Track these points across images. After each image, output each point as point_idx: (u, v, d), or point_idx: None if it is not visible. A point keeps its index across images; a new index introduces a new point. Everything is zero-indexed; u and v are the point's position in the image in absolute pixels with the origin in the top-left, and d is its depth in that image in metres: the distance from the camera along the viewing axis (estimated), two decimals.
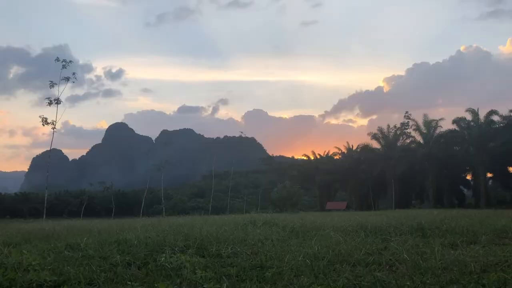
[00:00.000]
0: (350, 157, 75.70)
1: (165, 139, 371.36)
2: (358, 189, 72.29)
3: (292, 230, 12.09)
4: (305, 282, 5.68)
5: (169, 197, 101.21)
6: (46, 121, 34.74)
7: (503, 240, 9.93)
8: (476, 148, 55.03)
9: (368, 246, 8.38)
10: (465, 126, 57.71)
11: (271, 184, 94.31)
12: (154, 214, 60.31)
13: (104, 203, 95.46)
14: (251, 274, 6.36)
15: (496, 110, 56.22)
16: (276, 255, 7.63)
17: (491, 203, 51.46)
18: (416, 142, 64.57)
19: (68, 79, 34.76)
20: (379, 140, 68.03)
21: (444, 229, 11.39)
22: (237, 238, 9.90)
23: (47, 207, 37.52)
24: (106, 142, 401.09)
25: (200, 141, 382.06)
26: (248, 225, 13.69)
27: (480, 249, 8.00)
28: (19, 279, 5.79)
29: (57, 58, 35.13)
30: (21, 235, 12.52)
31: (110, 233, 11.63)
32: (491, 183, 62.62)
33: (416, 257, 7.14)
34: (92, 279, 6.00)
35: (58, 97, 34.50)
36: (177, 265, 6.71)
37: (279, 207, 64.79)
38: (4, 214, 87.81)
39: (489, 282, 5.44)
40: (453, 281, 5.70)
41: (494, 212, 23.62)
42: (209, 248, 8.50)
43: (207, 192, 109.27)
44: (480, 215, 18.39)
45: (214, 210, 65.74)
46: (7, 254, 7.67)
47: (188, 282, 5.80)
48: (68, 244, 9.37)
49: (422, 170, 59.16)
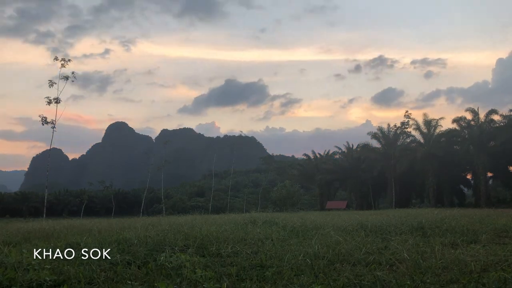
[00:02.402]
0: (350, 157, 75.69)
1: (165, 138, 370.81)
2: (358, 188, 72.25)
3: (292, 230, 12.09)
4: (305, 281, 5.67)
5: (169, 196, 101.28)
6: (45, 120, 34.71)
7: (503, 239, 9.94)
8: (477, 148, 54.97)
9: (369, 246, 8.37)
10: (465, 125, 57.67)
11: (271, 183, 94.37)
12: (154, 214, 60.29)
13: (104, 203, 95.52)
14: (251, 273, 6.36)
15: (496, 110, 56.34)
16: (276, 254, 7.62)
17: (491, 203, 51.40)
18: (416, 141, 64.57)
19: (67, 78, 34.68)
20: (379, 139, 67.98)
21: (444, 229, 11.39)
22: (237, 237, 9.90)
23: (47, 206, 37.49)
24: (106, 141, 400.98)
25: (200, 140, 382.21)
26: (248, 225, 13.68)
27: (481, 248, 7.99)
28: (19, 278, 5.78)
29: (56, 57, 34.97)
30: (21, 235, 12.52)
31: (110, 233, 11.63)
32: (492, 183, 62.56)
33: (416, 256, 7.14)
34: (92, 278, 5.99)
35: (57, 97, 34.45)
36: (177, 264, 6.71)
37: (279, 206, 64.75)
38: (4, 213, 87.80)
39: (489, 281, 5.43)
40: (454, 280, 5.70)
41: (494, 211, 23.64)
42: (209, 247, 8.50)
43: (207, 191, 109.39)
44: (480, 214, 18.40)
45: (214, 210, 65.71)
46: (7, 254, 7.66)
47: (188, 281, 5.79)
48: (68, 243, 9.37)
49: (422, 170, 59.06)
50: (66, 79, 34.70)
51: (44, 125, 34.74)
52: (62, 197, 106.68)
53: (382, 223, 12.89)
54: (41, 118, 34.69)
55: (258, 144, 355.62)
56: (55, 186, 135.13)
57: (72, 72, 35.17)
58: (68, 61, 35.09)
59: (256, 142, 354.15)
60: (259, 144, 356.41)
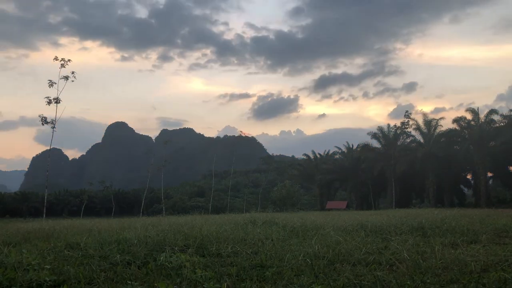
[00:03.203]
0: (350, 157, 75.70)
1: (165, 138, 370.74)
2: (358, 188, 72.27)
3: (292, 230, 12.08)
4: (305, 282, 5.67)
5: (169, 196, 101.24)
6: (45, 120, 34.67)
7: (503, 240, 9.94)
8: (477, 148, 54.97)
9: (369, 246, 8.37)
10: (465, 125, 57.67)
11: (271, 183, 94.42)
12: (154, 214, 60.28)
13: (104, 203, 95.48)
14: (251, 273, 6.36)
15: (496, 109, 56.39)
16: (276, 255, 7.62)
17: (491, 203, 51.43)
18: (416, 141, 64.59)
19: (67, 78, 34.64)
20: (379, 139, 68.00)
21: (445, 229, 11.39)
22: (237, 237, 9.90)
23: (47, 206, 37.43)
24: (106, 141, 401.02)
25: (200, 140, 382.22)
26: (248, 225, 13.67)
27: (481, 249, 7.99)
28: (19, 278, 5.77)
29: (56, 57, 34.92)
30: (21, 235, 12.51)
31: (110, 233, 11.62)
32: (492, 183, 62.57)
33: (416, 256, 7.14)
34: (92, 278, 5.99)
35: (57, 97, 34.41)
36: (177, 264, 6.70)
37: (279, 206, 64.76)
38: (3, 213, 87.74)
39: (489, 281, 5.43)
40: (454, 280, 5.70)
41: (495, 211, 23.66)
42: (209, 247, 8.50)
43: (207, 191, 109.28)
44: (481, 214, 18.41)
45: (214, 210, 65.70)
46: (7, 254, 7.65)
47: (188, 281, 5.79)
48: (68, 243, 9.38)
49: (422, 170, 59.03)
50: (66, 79, 34.68)
51: (44, 125, 34.73)
52: (62, 197, 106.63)
53: (382, 223, 12.89)
54: (41, 118, 34.68)
55: (258, 144, 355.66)
56: (55, 186, 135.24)
57: (72, 72, 35.14)
58: (68, 61, 35.07)
59: (256, 142, 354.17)
60: (259, 144, 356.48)
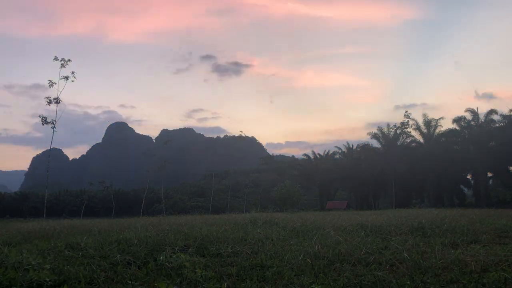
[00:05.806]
0: (350, 157, 75.75)
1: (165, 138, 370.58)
2: (358, 188, 72.29)
3: (292, 230, 12.08)
4: (305, 281, 5.67)
5: (169, 196, 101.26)
6: (45, 120, 34.70)
7: (503, 240, 9.94)
8: (477, 148, 55.01)
9: (369, 246, 8.37)
10: (465, 125, 57.71)
11: (271, 183, 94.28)
12: (154, 214, 60.22)
13: (104, 203, 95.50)
14: (252, 273, 6.36)
15: (496, 110, 56.47)
16: (276, 255, 7.62)
17: (491, 203, 51.45)
18: (416, 141, 64.64)
19: (67, 78, 34.66)
20: (379, 139, 68.06)
21: (445, 229, 11.38)
22: (237, 237, 9.91)
23: (47, 206, 37.46)
24: (106, 141, 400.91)
25: (200, 140, 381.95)
26: (248, 225, 13.68)
27: (481, 249, 7.99)
28: (19, 278, 5.77)
29: (56, 57, 34.91)
30: (21, 235, 12.52)
31: (110, 233, 11.63)
32: (492, 183, 62.61)
33: (416, 256, 7.14)
34: (92, 278, 5.99)
35: (57, 97, 34.44)
36: (177, 264, 6.70)
37: (279, 206, 64.79)
38: (4, 213, 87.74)
39: (489, 281, 5.43)
40: (454, 280, 5.70)
41: (495, 211, 23.63)
42: (210, 247, 8.50)
43: (207, 191, 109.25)
44: (481, 214, 18.40)
45: (214, 210, 65.75)
46: (7, 254, 7.65)
47: (188, 281, 5.79)
48: (68, 243, 9.38)
49: (423, 170, 59.09)
50: (66, 79, 34.70)
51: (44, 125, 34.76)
52: (62, 197, 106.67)
53: (382, 223, 12.89)
54: (41, 118, 34.71)
55: (258, 144, 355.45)
56: (55, 186, 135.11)
57: (72, 72, 35.15)
58: (68, 61, 35.07)
59: (256, 142, 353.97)
60: (259, 144, 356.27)
